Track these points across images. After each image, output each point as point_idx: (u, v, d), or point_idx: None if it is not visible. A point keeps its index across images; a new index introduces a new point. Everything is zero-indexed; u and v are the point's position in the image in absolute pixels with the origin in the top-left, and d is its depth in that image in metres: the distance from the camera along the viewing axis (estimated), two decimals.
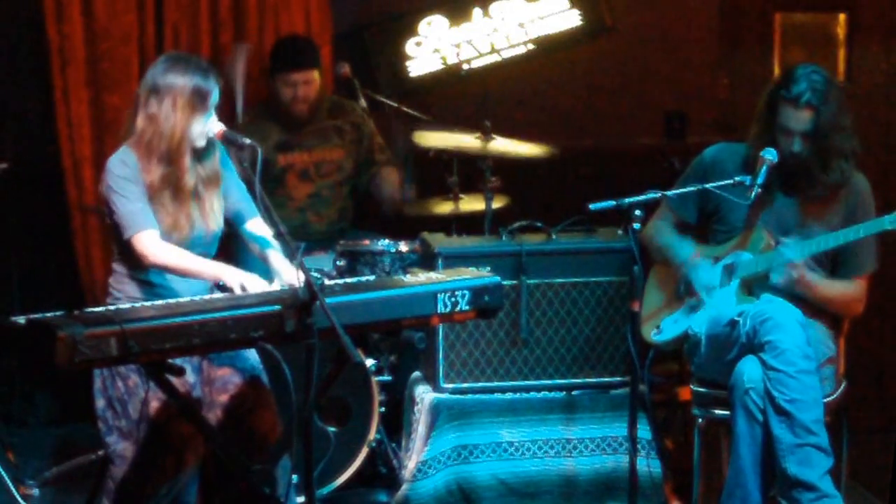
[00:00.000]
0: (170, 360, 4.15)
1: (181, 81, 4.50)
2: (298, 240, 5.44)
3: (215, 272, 4.49)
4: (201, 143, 4.57)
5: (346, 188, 6.23)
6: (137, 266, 4.53)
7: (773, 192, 5.01)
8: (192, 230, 4.57)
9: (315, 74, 6.10)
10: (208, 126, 4.53)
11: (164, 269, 4.52)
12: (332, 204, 6.19)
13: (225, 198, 4.68)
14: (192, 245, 4.59)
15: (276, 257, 4.58)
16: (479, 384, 5.39)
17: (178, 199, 4.55)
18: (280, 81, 6.07)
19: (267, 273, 4.61)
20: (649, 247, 5.18)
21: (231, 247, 5.43)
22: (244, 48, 6.09)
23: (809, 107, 4.86)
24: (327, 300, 4.07)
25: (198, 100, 4.50)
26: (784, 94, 4.89)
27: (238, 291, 4.39)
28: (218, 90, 4.56)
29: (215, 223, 4.65)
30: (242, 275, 4.46)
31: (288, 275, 4.45)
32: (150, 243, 4.48)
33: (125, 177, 4.51)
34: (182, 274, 4.52)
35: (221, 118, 4.64)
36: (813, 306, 4.99)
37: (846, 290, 4.98)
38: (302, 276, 4.12)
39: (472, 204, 6.11)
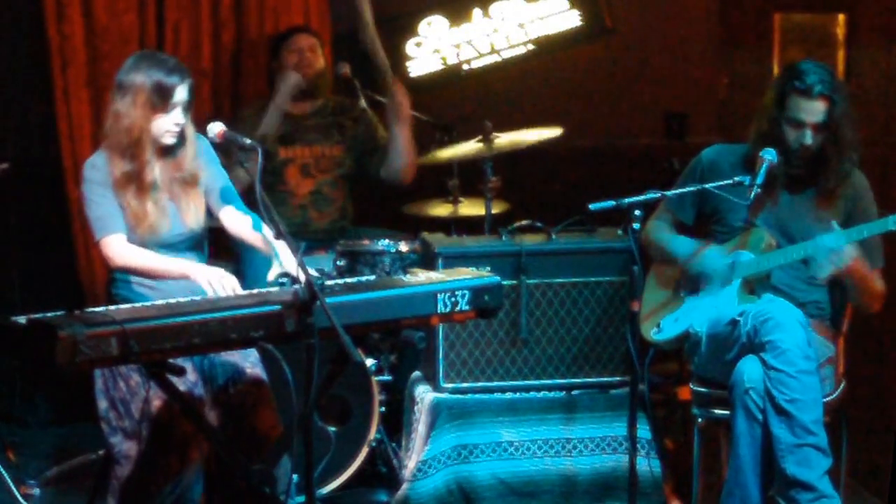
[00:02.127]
0: (170, 360, 4.16)
1: (142, 78, 4.54)
2: (300, 238, 5.47)
3: (182, 270, 4.52)
4: (168, 141, 4.59)
5: (347, 186, 6.24)
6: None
7: (776, 190, 5.01)
8: (162, 226, 4.58)
9: (317, 45, 6.17)
10: (182, 122, 4.55)
11: (130, 272, 4.55)
12: (333, 202, 6.20)
13: (207, 191, 4.70)
14: (168, 242, 4.60)
15: (268, 236, 4.59)
16: (479, 384, 5.40)
17: (140, 195, 4.57)
18: (285, 50, 6.13)
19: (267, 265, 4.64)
20: (648, 246, 5.18)
21: (232, 246, 5.46)
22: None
23: (823, 97, 4.87)
24: (327, 300, 4.08)
25: (158, 97, 4.53)
26: (797, 85, 4.88)
27: (206, 288, 4.40)
28: (186, 88, 4.56)
29: (195, 222, 4.66)
30: (211, 271, 4.48)
31: (284, 252, 4.45)
32: (115, 247, 4.54)
33: (94, 180, 4.57)
34: (149, 275, 4.54)
35: (219, 118, 4.65)
36: (813, 306, 5.00)
37: (881, 284, 4.98)
38: (302, 276, 4.14)
39: (471, 208, 6.12)
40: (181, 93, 4.55)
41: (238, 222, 4.69)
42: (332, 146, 6.20)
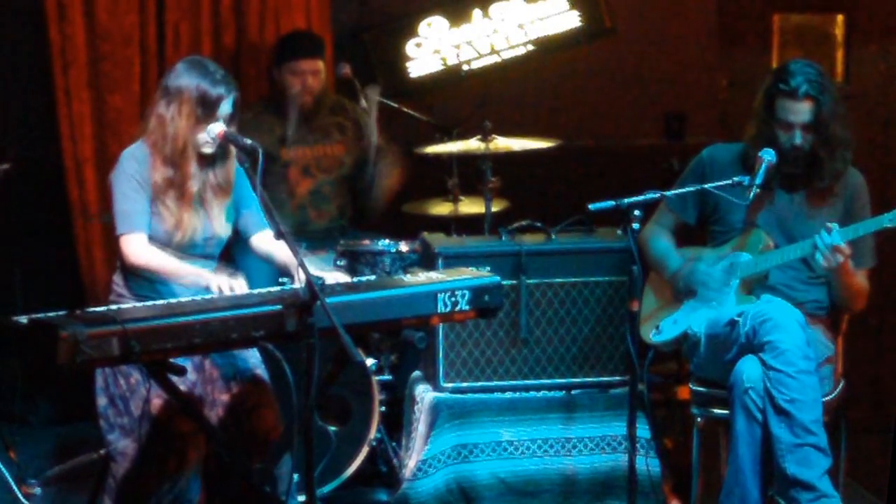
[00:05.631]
0: (171, 360, 4.17)
1: (189, 87, 4.53)
2: (299, 238, 5.48)
3: (195, 276, 4.51)
4: (208, 150, 4.58)
5: (346, 185, 6.25)
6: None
7: (773, 189, 5.03)
8: (196, 232, 4.60)
9: (321, 65, 6.16)
10: (212, 130, 4.55)
11: (144, 271, 4.55)
12: (332, 201, 6.21)
13: (236, 209, 4.70)
14: (196, 247, 4.61)
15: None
16: (479, 383, 5.41)
17: (181, 201, 4.57)
18: (288, 71, 6.11)
19: (272, 272, 4.62)
20: (643, 253, 5.19)
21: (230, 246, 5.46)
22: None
23: (808, 98, 4.89)
24: (328, 300, 4.09)
25: (203, 107, 4.51)
26: (782, 87, 4.91)
27: (217, 292, 4.41)
28: (231, 100, 4.55)
29: (223, 228, 4.67)
30: (222, 277, 4.48)
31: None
32: (135, 245, 4.54)
33: (131, 173, 4.56)
34: (162, 276, 4.54)
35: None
36: (811, 305, 5.01)
37: (864, 283, 5.00)
38: (302, 276, 4.15)
39: (471, 206, 6.13)
40: (226, 106, 4.54)
41: (272, 246, 4.61)
42: (333, 145, 6.21)
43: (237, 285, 4.45)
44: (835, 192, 5.02)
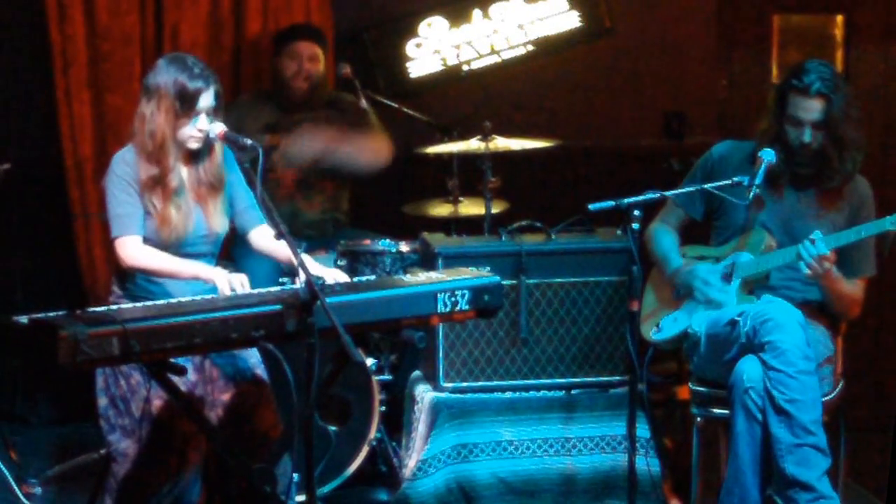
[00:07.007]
0: (171, 360, 4.17)
1: (167, 82, 4.52)
2: (293, 229, 5.48)
3: (193, 271, 4.52)
4: (193, 145, 4.57)
5: (336, 176, 6.20)
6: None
7: (782, 188, 5.03)
8: (186, 229, 4.58)
9: (320, 54, 6.13)
10: (206, 128, 4.54)
11: (141, 272, 4.55)
12: (322, 191, 6.18)
13: (231, 204, 4.70)
14: (190, 244, 4.60)
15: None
16: (479, 383, 5.41)
17: (165, 198, 4.57)
18: (285, 55, 6.11)
19: (271, 272, 4.60)
20: (647, 248, 5.20)
21: (230, 246, 5.47)
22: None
23: (820, 95, 4.89)
24: (328, 300, 4.09)
25: (182, 101, 4.50)
26: (795, 83, 4.92)
27: (224, 288, 4.41)
28: (213, 93, 4.53)
29: (219, 225, 4.67)
30: (220, 272, 4.49)
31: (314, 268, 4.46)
32: (129, 248, 4.54)
33: (122, 176, 4.56)
34: (160, 275, 4.55)
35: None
36: (811, 307, 5.01)
37: (855, 290, 5.00)
38: (303, 276, 4.15)
39: (471, 208, 6.13)
40: (206, 99, 4.52)
41: (272, 243, 4.59)
42: None
43: (239, 280, 4.45)
44: (843, 197, 5.01)
